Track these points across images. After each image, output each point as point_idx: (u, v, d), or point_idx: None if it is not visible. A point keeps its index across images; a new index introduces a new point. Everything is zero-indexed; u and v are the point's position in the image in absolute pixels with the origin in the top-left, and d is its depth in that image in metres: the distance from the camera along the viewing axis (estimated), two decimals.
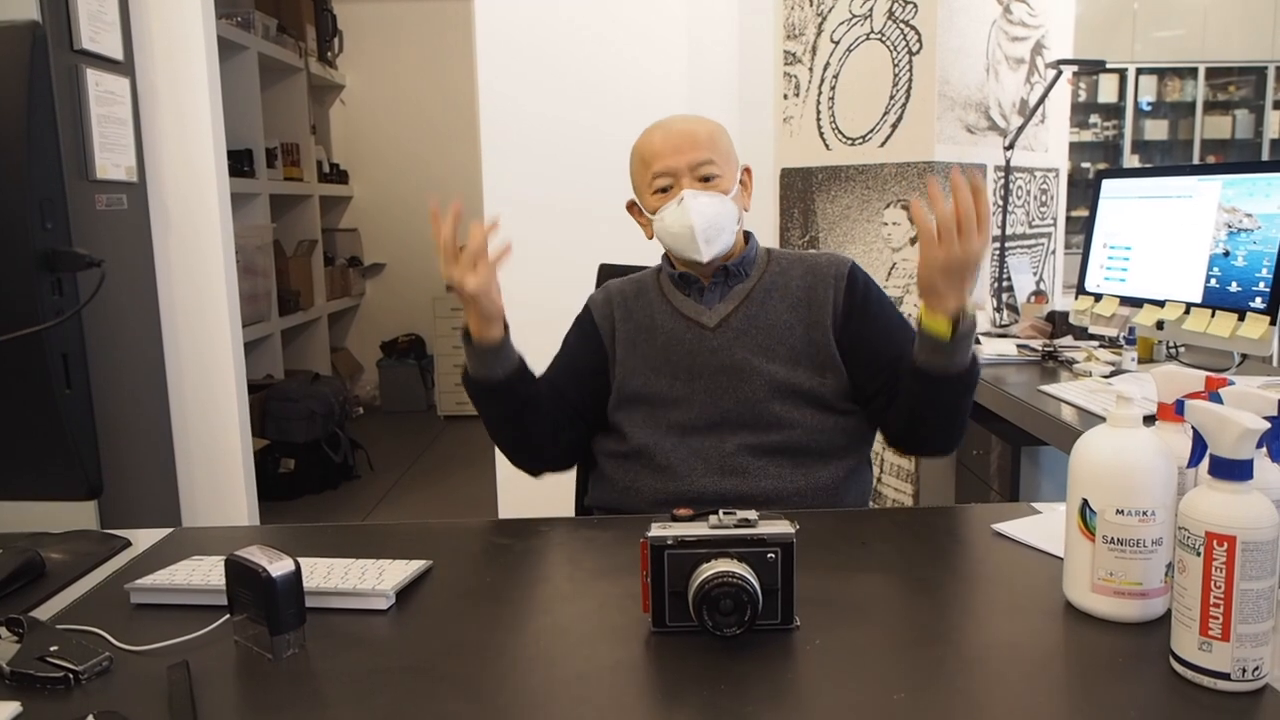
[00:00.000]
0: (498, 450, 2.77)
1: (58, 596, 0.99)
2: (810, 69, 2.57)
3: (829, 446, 1.33)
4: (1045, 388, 1.80)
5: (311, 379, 4.27)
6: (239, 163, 3.91)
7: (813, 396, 1.33)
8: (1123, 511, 0.83)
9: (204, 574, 0.97)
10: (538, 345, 1.68)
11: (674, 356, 1.37)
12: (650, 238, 1.42)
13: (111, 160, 2.35)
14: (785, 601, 0.84)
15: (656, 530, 0.85)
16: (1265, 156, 6.04)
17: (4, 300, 0.70)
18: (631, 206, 1.46)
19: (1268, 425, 0.72)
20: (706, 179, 1.35)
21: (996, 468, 2.23)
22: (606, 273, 1.71)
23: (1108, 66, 3.94)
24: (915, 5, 2.35)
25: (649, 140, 1.40)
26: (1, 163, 0.68)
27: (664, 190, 1.36)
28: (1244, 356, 1.78)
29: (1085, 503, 0.85)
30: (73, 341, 0.73)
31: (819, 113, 2.56)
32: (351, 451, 4.19)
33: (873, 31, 2.43)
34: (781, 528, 0.85)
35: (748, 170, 1.43)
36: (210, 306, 2.64)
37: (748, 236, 1.45)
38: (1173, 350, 1.99)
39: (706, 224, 1.33)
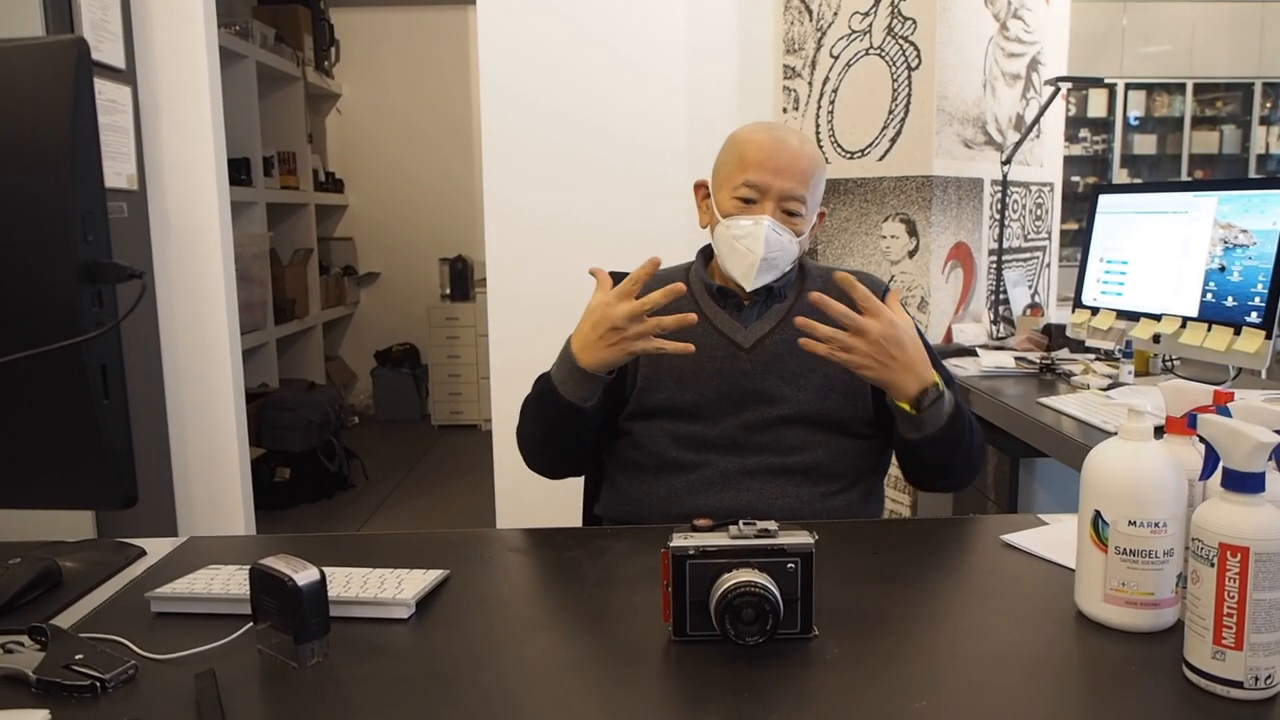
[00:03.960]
0: (496, 459, 2.80)
1: (76, 605, 0.99)
2: (810, 83, 2.59)
3: (849, 470, 1.34)
4: (1044, 400, 1.82)
5: (307, 388, 4.27)
6: (236, 171, 3.92)
7: (839, 424, 1.32)
8: (1135, 523, 0.84)
9: (223, 583, 0.97)
10: (541, 355, 1.69)
11: (703, 373, 1.33)
12: (704, 225, 1.39)
13: (113, 169, 2.35)
14: (804, 611, 0.85)
15: (678, 540, 0.86)
16: (1252, 171, 6.13)
17: (48, 312, 0.71)
18: (700, 188, 1.41)
19: (1279, 439, 0.74)
20: (790, 214, 1.31)
21: (994, 479, 2.25)
22: (616, 282, 1.71)
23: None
24: (914, 21, 2.38)
25: (755, 140, 1.33)
26: (46, 176, 0.69)
27: (746, 201, 1.31)
28: (1239, 370, 1.80)
29: (1098, 514, 0.87)
30: (111, 352, 0.73)
31: (818, 126, 2.58)
32: (347, 460, 4.18)
33: (872, 47, 2.46)
34: (801, 538, 0.86)
35: (822, 214, 1.40)
36: (209, 315, 2.64)
37: None
38: (1169, 363, 2.02)
39: (769, 256, 1.29)
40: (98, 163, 0.72)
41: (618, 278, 1.68)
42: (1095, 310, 2.09)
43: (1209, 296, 1.81)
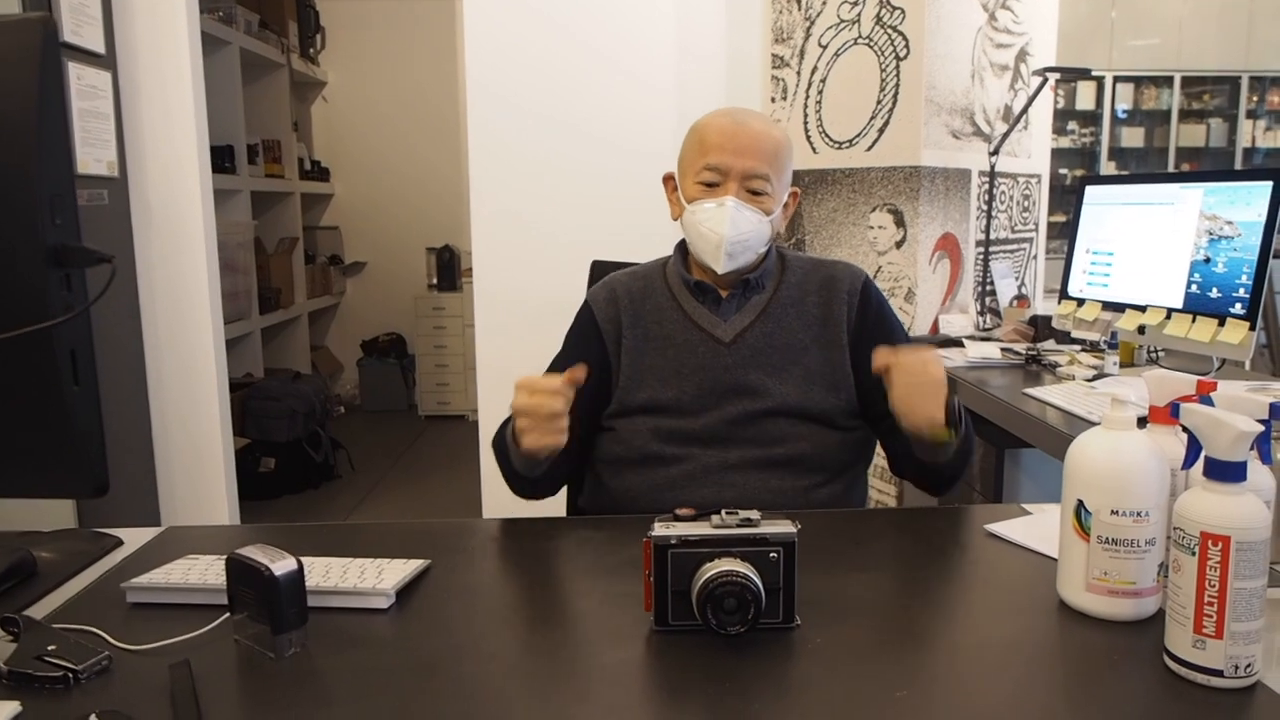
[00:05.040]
0: (482, 449, 2.79)
1: (50, 596, 0.98)
2: (798, 73, 2.58)
3: (833, 462, 1.33)
4: (1029, 391, 1.82)
5: (292, 378, 4.24)
6: (220, 159, 3.88)
7: (822, 415, 1.32)
8: (1117, 512, 0.84)
9: (200, 573, 0.96)
10: (528, 346, 1.68)
11: (684, 370, 1.33)
12: (675, 218, 1.38)
13: (93, 155, 2.32)
14: (787, 600, 0.85)
15: (659, 529, 0.86)
16: (1238, 164, 6.15)
17: (15, 296, 0.69)
18: (669, 180, 1.40)
19: (1261, 428, 0.74)
20: (755, 193, 1.30)
21: (980, 469, 2.26)
22: (600, 270, 1.70)
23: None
24: (903, 11, 2.37)
25: (716, 125, 1.32)
26: (12, 158, 0.67)
27: (709, 185, 1.31)
28: (1223, 361, 1.81)
29: (1080, 503, 0.86)
30: (81, 338, 0.72)
31: (806, 116, 2.57)
32: (332, 451, 4.16)
33: (860, 36, 2.45)
34: (783, 527, 0.85)
35: (795, 194, 1.39)
36: (192, 303, 2.61)
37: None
38: (1153, 355, 2.03)
39: (736, 238, 1.28)
40: (65, 144, 0.70)
41: (609, 267, 1.67)
42: (1081, 301, 2.09)
43: (1194, 288, 1.82)
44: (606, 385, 1.38)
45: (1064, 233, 5.22)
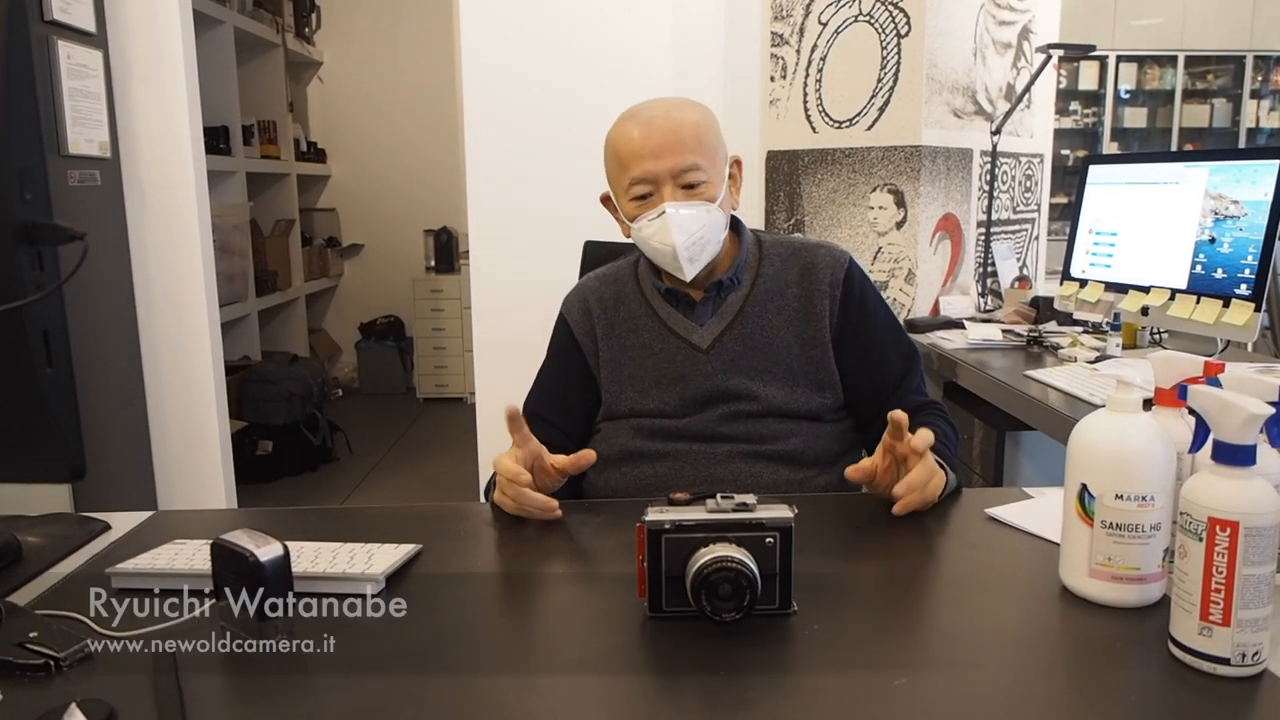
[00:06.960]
0: (479, 432, 2.78)
1: (35, 581, 0.96)
2: (798, 51, 2.55)
3: (825, 453, 1.29)
4: (1031, 373, 1.80)
5: (289, 360, 4.23)
6: (215, 140, 3.84)
7: (810, 413, 1.28)
8: (1122, 496, 0.82)
9: (187, 558, 0.95)
10: (525, 328, 1.66)
11: (664, 380, 1.29)
12: (628, 236, 1.32)
13: (84, 135, 2.29)
14: (783, 586, 0.83)
15: (653, 514, 0.84)
16: (1242, 145, 6.11)
17: None
18: (606, 200, 1.34)
19: (1272, 410, 0.72)
20: (691, 186, 1.23)
21: (980, 452, 2.24)
22: (592, 251, 1.68)
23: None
24: None
25: (626, 136, 1.25)
26: None
27: (642, 198, 1.25)
28: (1227, 343, 1.79)
29: (1084, 487, 0.85)
30: (54, 318, 0.69)
31: (806, 95, 2.54)
32: (330, 434, 4.15)
33: (861, 14, 2.42)
34: (780, 512, 0.84)
35: (737, 162, 1.31)
36: (187, 286, 2.59)
37: (737, 227, 1.34)
38: (1156, 336, 2.01)
39: (690, 241, 1.22)
40: (34, 118, 0.68)
41: (601, 248, 1.65)
42: (1084, 282, 2.07)
43: (1198, 268, 1.79)
44: (594, 397, 1.35)
45: (1065, 214, 5.19)
